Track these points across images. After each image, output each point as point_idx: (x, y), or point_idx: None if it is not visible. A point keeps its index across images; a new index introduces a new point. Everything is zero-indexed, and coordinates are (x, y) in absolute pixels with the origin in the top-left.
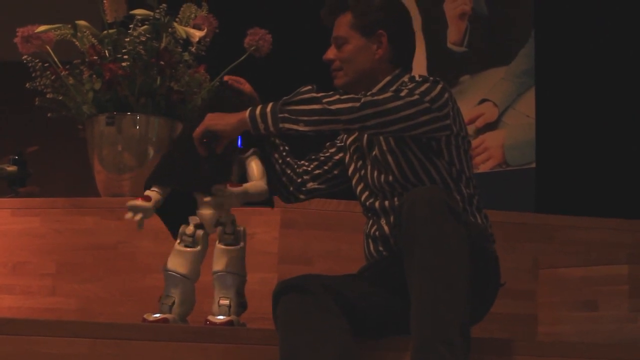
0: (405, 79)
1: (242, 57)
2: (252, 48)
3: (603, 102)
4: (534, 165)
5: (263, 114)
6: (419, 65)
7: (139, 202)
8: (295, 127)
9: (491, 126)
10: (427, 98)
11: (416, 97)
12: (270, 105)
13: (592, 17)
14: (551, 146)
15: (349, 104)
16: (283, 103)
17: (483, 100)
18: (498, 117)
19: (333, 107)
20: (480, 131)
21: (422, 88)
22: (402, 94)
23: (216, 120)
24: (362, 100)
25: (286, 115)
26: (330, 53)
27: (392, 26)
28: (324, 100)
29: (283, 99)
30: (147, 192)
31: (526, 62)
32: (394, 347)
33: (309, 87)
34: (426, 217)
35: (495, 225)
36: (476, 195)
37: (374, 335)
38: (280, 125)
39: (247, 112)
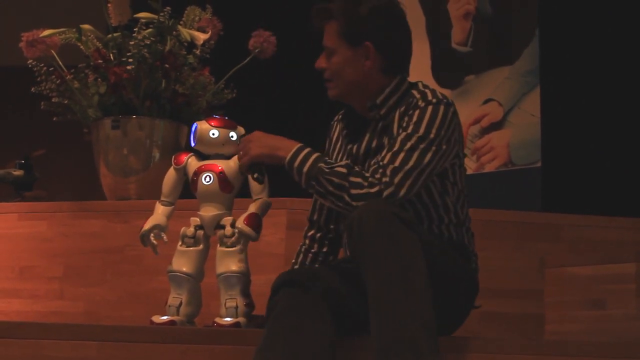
0: (419, 101)
1: (247, 59)
2: (257, 50)
3: (608, 100)
4: (539, 164)
5: (300, 171)
6: (424, 65)
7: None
8: (320, 198)
9: (496, 126)
10: (437, 134)
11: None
12: (310, 162)
13: (597, 16)
14: (557, 145)
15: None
16: (319, 172)
17: (488, 100)
18: (503, 117)
19: (355, 203)
20: (485, 131)
21: (433, 124)
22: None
23: (264, 150)
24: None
25: (316, 186)
26: (321, 61)
27: (379, 37)
28: (352, 193)
29: (322, 165)
30: (156, 205)
31: (531, 61)
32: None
33: (345, 170)
34: (375, 230)
35: (502, 224)
36: (469, 216)
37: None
38: (309, 190)
39: (289, 156)
